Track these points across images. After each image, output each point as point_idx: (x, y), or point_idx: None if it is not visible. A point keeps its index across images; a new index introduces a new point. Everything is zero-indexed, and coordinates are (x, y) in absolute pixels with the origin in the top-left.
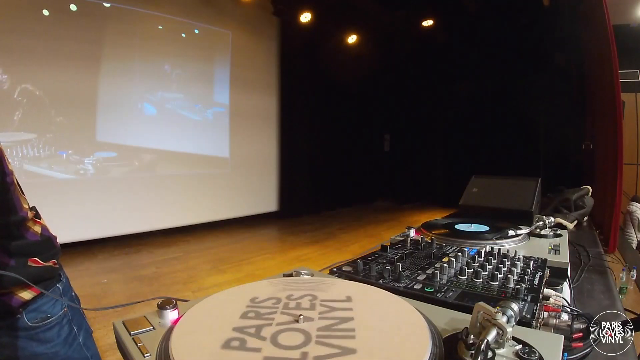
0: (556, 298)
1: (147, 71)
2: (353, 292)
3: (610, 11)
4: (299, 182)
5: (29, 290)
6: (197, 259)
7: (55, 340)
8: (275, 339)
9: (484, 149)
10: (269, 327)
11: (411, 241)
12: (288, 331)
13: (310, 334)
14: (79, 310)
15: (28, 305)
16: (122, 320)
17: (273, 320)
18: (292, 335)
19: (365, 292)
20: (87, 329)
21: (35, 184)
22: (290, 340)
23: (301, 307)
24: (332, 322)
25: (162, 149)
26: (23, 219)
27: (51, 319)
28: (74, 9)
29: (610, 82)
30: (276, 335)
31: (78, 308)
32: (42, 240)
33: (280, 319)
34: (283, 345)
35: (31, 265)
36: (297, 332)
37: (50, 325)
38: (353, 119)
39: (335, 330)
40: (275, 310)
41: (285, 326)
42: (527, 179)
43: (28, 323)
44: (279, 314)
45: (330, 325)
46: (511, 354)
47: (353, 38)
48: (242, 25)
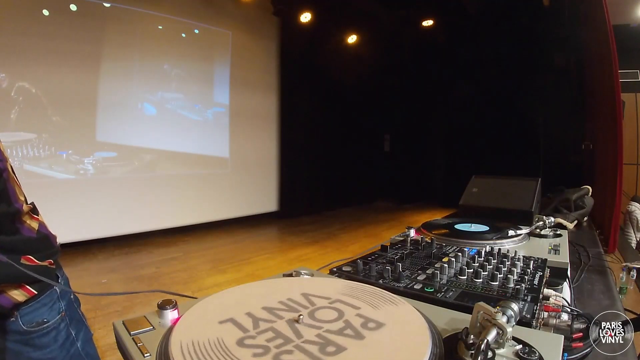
0: (556, 298)
1: (147, 71)
2: (353, 291)
3: (610, 11)
4: (299, 182)
5: (21, 290)
6: (197, 259)
7: (52, 345)
8: (275, 337)
9: (484, 149)
10: (269, 327)
11: (411, 241)
12: (288, 331)
13: (312, 334)
14: (77, 313)
15: (22, 308)
16: (122, 320)
17: (274, 320)
18: (293, 334)
19: (365, 292)
20: (87, 332)
21: (35, 184)
22: (290, 336)
23: (301, 306)
24: (332, 322)
25: (162, 149)
26: (17, 211)
27: (48, 323)
28: (74, 9)
29: (610, 82)
30: (276, 334)
31: (77, 311)
32: (39, 237)
33: (281, 318)
34: (283, 343)
35: (24, 263)
36: (298, 332)
37: (46, 330)
38: (353, 119)
39: (335, 330)
40: (275, 309)
41: (285, 326)
42: (527, 179)
43: (23, 327)
44: (280, 313)
45: (327, 331)
46: (511, 354)
47: (353, 38)
48: (242, 25)
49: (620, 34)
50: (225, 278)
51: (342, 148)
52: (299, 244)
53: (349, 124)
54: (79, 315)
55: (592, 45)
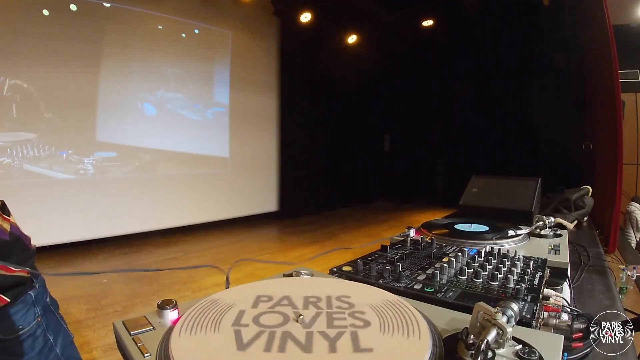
0: (556, 298)
1: (147, 71)
2: (353, 291)
3: (610, 11)
4: (299, 182)
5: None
6: (197, 259)
7: (29, 354)
8: (276, 337)
9: (484, 149)
10: (269, 318)
11: (411, 241)
12: (289, 331)
13: (312, 334)
14: (55, 316)
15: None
16: (122, 320)
17: (276, 315)
18: (293, 334)
19: (365, 292)
20: (66, 336)
21: (35, 184)
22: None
23: (300, 305)
24: (332, 321)
25: (162, 149)
26: None
27: (23, 330)
28: (74, 9)
29: (610, 82)
30: (277, 333)
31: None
32: (12, 240)
33: (281, 318)
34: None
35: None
36: (298, 331)
37: (22, 338)
38: (353, 119)
39: (329, 335)
40: (275, 309)
41: (285, 325)
42: (527, 179)
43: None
44: (280, 313)
45: (328, 330)
46: (511, 354)
47: (353, 38)
48: (242, 25)
49: (620, 34)
50: (225, 278)
51: (342, 148)
52: (299, 244)
53: (349, 124)
54: (57, 318)
55: (592, 45)
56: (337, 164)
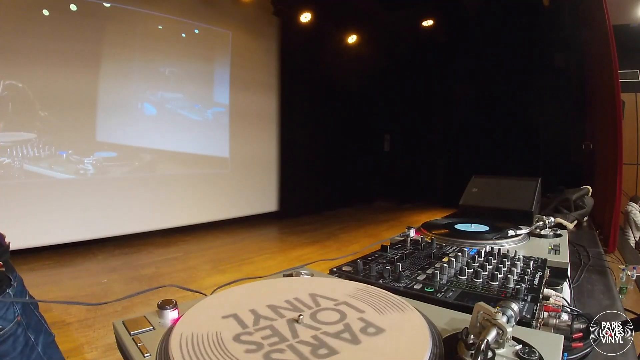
0: (556, 298)
1: (147, 71)
2: (325, 287)
3: (610, 11)
4: (299, 182)
5: None
6: (197, 259)
7: (11, 354)
8: (271, 335)
9: (484, 149)
10: (269, 326)
11: (411, 241)
12: (286, 330)
13: (308, 335)
14: (35, 315)
15: None
16: (122, 320)
17: (280, 315)
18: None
19: (337, 286)
20: (47, 335)
21: (35, 184)
22: (292, 337)
23: (299, 304)
24: (332, 324)
25: (162, 149)
26: None
27: (3, 330)
28: (74, 9)
29: (610, 82)
30: (273, 332)
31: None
32: None
33: (282, 317)
34: (283, 342)
35: None
36: (299, 331)
37: (3, 338)
38: (353, 119)
39: (332, 333)
40: (279, 308)
41: (284, 325)
42: (527, 179)
43: None
44: (282, 312)
45: (324, 333)
46: (511, 354)
47: (353, 38)
48: (242, 25)
49: (620, 34)
50: (225, 278)
51: (342, 148)
52: (299, 244)
53: (349, 124)
54: (37, 317)
55: (592, 45)
56: (337, 164)
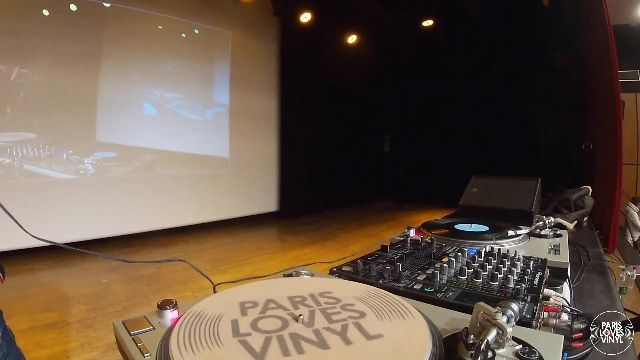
0: (556, 298)
1: (147, 71)
2: (332, 287)
3: (610, 11)
4: (299, 182)
5: None
6: (197, 259)
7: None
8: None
9: (484, 149)
10: (267, 323)
11: (411, 241)
12: (296, 332)
13: (320, 331)
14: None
15: None
16: (122, 320)
17: (274, 320)
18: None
19: (345, 286)
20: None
21: (35, 184)
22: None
23: (300, 305)
24: (330, 316)
25: (162, 149)
26: None
27: None
28: (74, 9)
29: (610, 82)
30: (285, 337)
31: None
32: None
33: (279, 321)
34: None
35: None
36: (305, 331)
37: None
38: (353, 119)
39: (336, 329)
40: (267, 313)
41: (288, 328)
42: (527, 179)
43: None
44: (275, 317)
45: (332, 325)
46: (511, 354)
47: (353, 38)
48: (242, 25)
49: (620, 34)
50: (225, 278)
51: (342, 148)
52: (299, 244)
53: (349, 124)
54: (16, 347)
55: (592, 45)
56: (337, 164)
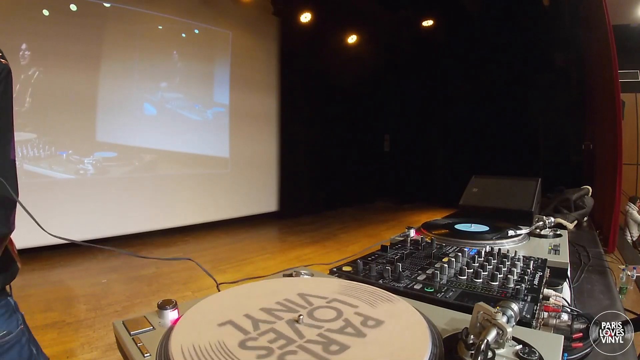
0: (556, 298)
1: (147, 71)
2: (311, 285)
3: (610, 11)
4: (299, 182)
5: None
6: (197, 259)
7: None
8: (277, 338)
9: (484, 149)
10: (269, 328)
11: (411, 241)
12: (289, 331)
13: (313, 334)
14: (31, 333)
15: None
16: (122, 320)
17: (277, 317)
18: (288, 331)
19: (321, 283)
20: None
21: (35, 184)
22: (292, 336)
23: (299, 306)
24: (331, 321)
25: (162, 149)
26: None
27: (9, 336)
28: (74, 9)
29: (610, 82)
30: (277, 335)
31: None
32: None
33: (280, 319)
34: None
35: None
36: (302, 331)
37: (10, 345)
38: (353, 119)
39: (336, 329)
40: (273, 310)
41: (285, 326)
42: (527, 179)
43: None
44: (278, 314)
45: (328, 330)
46: (511, 354)
47: (353, 38)
48: (242, 25)
49: (620, 34)
50: (225, 278)
51: (342, 148)
52: (299, 244)
53: (349, 124)
54: (33, 336)
55: (592, 45)
56: (337, 164)
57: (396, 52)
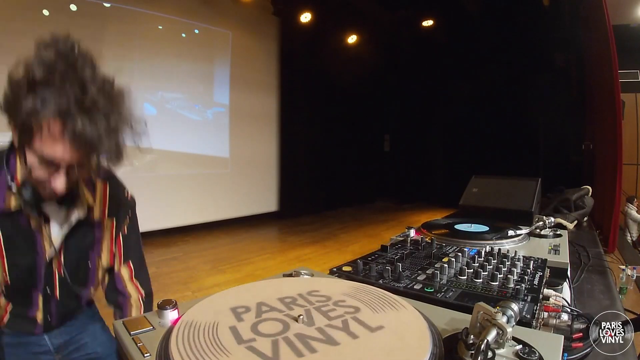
0: (556, 298)
1: (147, 71)
2: (317, 285)
3: (610, 11)
4: (299, 182)
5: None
6: (197, 259)
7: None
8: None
9: (484, 149)
10: (268, 327)
11: (411, 241)
12: (301, 333)
13: (323, 329)
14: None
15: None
16: (122, 320)
17: (274, 327)
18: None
19: (329, 284)
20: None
21: None
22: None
23: (293, 306)
24: (327, 314)
25: (162, 149)
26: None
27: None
28: (74, 9)
29: (610, 82)
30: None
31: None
32: None
33: (280, 324)
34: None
35: None
36: (309, 330)
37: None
38: (353, 119)
39: (337, 325)
40: (275, 310)
41: (291, 329)
42: (527, 179)
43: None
44: (276, 315)
45: (332, 325)
46: (511, 354)
47: (353, 38)
48: (242, 25)
49: (620, 34)
50: (225, 278)
51: (342, 148)
52: (299, 244)
53: (348, 124)
54: None
55: (592, 45)
56: (337, 164)
57: (396, 52)
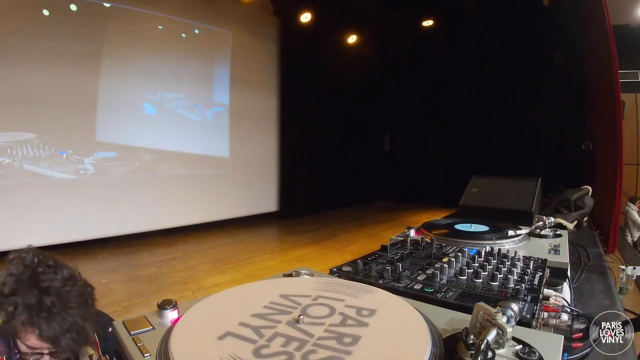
0: (556, 298)
1: (147, 71)
2: (291, 286)
3: (610, 11)
4: (299, 182)
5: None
6: (197, 259)
7: None
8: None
9: (484, 149)
10: (269, 327)
11: (411, 241)
12: (289, 329)
13: (312, 334)
14: None
15: None
16: (122, 320)
17: (274, 320)
18: (294, 332)
19: (298, 283)
20: None
21: (35, 184)
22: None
23: (287, 307)
24: (329, 316)
25: (162, 149)
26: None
27: None
28: (74, 9)
29: (610, 82)
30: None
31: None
32: None
33: (282, 318)
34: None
35: None
36: (315, 329)
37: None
38: (353, 119)
39: (338, 323)
40: (276, 310)
41: (285, 324)
42: (527, 179)
43: None
44: (280, 314)
45: (332, 325)
46: (511, 354)
47: (353, 38)
48: (242, 25)
49: (620, 34)
50: (225, 278)
51: (342, 148)
52: (299, 244)
53: (349, 124)
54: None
55: (592, 45)
56: (337, 164)
57: (396, 51)
